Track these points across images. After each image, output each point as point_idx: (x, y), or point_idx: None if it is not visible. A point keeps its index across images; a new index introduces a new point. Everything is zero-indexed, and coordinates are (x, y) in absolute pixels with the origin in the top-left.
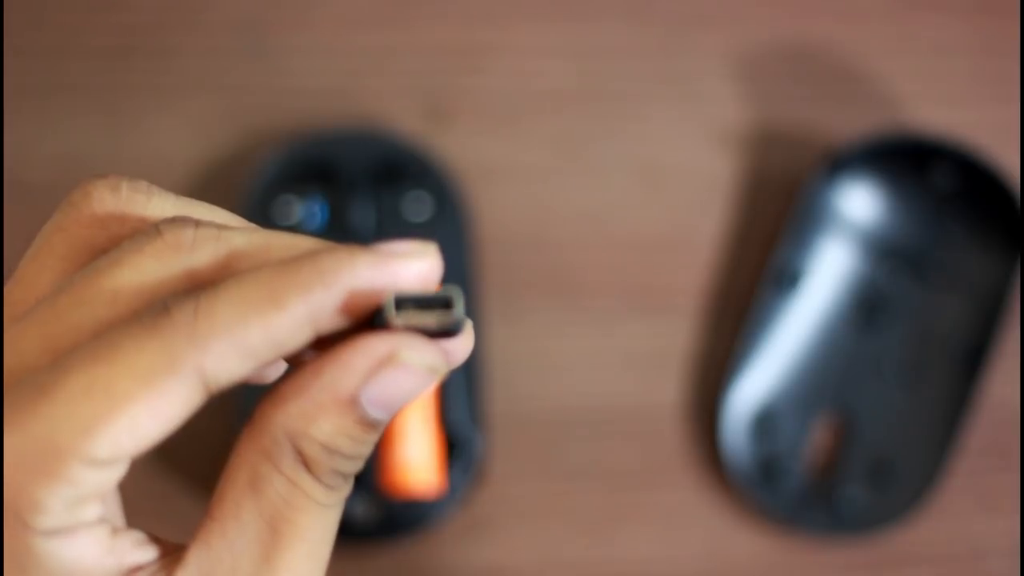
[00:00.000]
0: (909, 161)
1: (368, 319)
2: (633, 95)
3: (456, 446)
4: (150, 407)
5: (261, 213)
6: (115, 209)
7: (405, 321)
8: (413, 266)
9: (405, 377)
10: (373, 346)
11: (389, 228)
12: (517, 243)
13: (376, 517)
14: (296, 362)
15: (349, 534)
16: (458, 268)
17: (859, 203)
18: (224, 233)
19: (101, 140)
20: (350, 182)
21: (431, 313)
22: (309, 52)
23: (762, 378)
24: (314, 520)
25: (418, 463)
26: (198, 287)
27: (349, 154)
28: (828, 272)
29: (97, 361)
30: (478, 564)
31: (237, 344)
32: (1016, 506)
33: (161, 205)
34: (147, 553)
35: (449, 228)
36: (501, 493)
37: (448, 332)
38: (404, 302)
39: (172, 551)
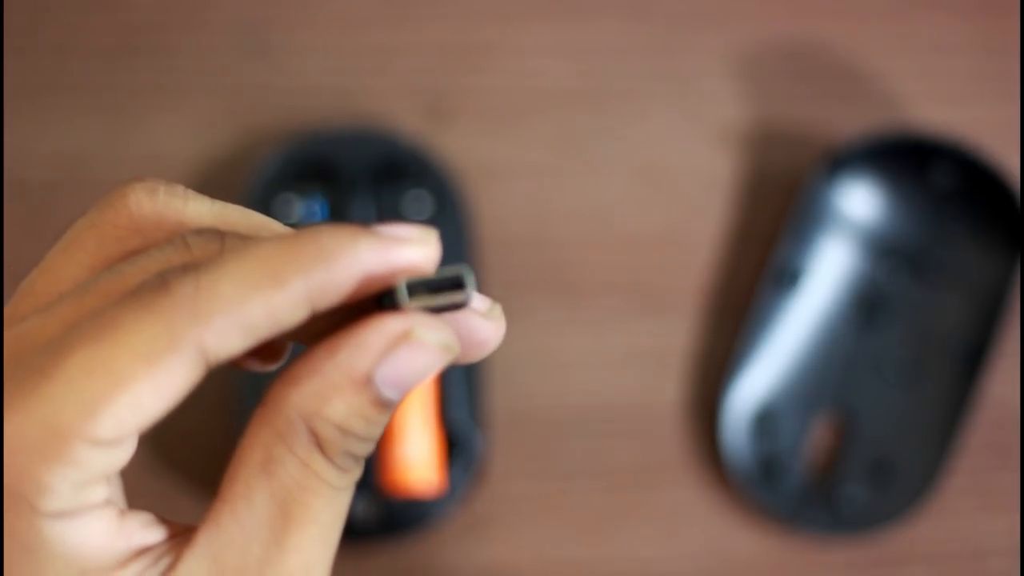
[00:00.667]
0: (909, 160)
1: (367, 297)
2: (633, 94)
3: (456, 445)
4: (152, 385)
5: (261, 212)
6: (151, 212)
7: (417, 303)
8: (414, 252)
9: (419, 355)
10: (387, 325)
11: None
12: (517, 242)
13: (376, 516)
14: (296, 338)
15: (349, 534)
16: None
17: (859, 202)
18: (250, 245)
19: (102, 140)
20: (350, 181)
21: (442, 295)
22: (310, 51)
23: (762, 377)
24: (326, 503)
25: (418, 462)
26: (197, 262)
27: (350, 153)
28: (828, 271)
29: (97, 340)
30: (478, 563)
31: (237, 321)
32: (1016, 505)
33: (198, 210)
34: (155, 534)
35: (449, 227)
36: (501, 492)
37: (456, 307)
38: (415, 287)
39: (181, 532)
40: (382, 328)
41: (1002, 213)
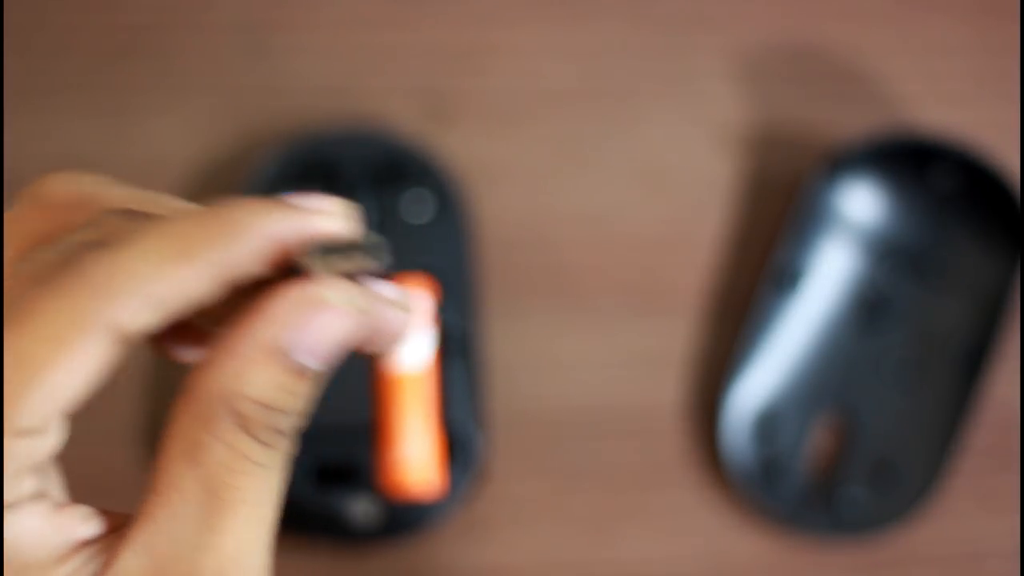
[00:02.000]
0: (909, 161)
1: (288, 270)
2: (634, 96)
3: (457, 445)
4: (66, 368)
5: None
6: (73, 201)
7: (326, 266)
8: (328, 224)
9: (331, 318)
10: (292, 292)
11: (390, 227)
12: (518, 243)
13: (376, 518)
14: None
15: (349, 534)
16: (459, 268)
17: (859, 203)
18: (162, 222)
19: (101, 140)
20: (350, 181)
21: (353, 257)
22: (310, 52)
23: (763, 378)
24: (256, 482)
25: (418, 463)
26: (107, 240)
27: (350, 154)
28: (828, 272)
29: (7, 329)
30: (478, 564)
31: (148, 297)
32: (1017, 507)
33: (119, 197)
34: (95, 527)
35: (450, 228)
36: (501, 493)
37: (368, 273)
38: (326, 250)
39: (120, 524)
40: (287, 296)
41: (1002, 214)
